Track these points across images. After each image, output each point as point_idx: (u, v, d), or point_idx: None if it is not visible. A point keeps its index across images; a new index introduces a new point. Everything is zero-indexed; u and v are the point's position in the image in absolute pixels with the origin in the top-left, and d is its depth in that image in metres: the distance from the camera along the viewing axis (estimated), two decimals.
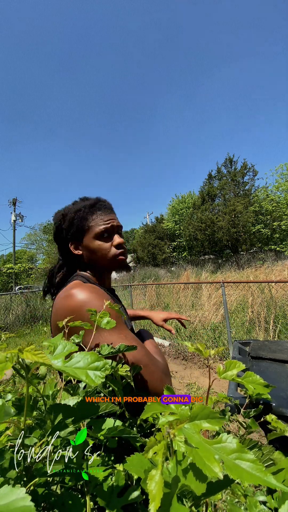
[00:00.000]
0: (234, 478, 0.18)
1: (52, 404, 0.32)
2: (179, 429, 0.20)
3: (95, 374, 0.30)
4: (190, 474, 0.21)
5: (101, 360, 0.32)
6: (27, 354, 0.24)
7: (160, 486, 0.17)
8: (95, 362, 0.31)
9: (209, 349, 0.33)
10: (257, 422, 0.49)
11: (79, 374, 0.29)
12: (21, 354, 0.24)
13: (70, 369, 0.29)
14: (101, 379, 0.29)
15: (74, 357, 0.31)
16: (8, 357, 0.25)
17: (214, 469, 0.18)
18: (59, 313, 0.63)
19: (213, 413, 0.22)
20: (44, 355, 0.25)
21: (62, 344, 0.33)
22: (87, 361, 0.31)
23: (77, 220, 0.75)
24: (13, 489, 0.20)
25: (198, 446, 0.20)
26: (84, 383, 0.28)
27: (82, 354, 0.32)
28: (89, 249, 0.75)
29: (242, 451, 0.21)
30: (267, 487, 0.37)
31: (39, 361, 0.24)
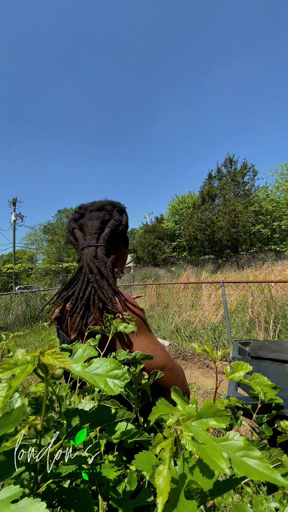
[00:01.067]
0: (240, 475, 0.19)
1: (69, 409, 0.32)
2: (185, 425, 0.21)
3: (114, 382, 0.29)
4: (197, 470, 0.22)
5: (121, 368, 0.31)
6: (48, 358, 0.24)
7: (167, 481, 0.17)
8: (114, 370, 0.30)
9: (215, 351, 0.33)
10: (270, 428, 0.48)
11: (98, 381, 0.28)
12: (42, 357, 0.25)
13: (89, 375, 0.29)
14: (120, 389, 0.28)
15: (93, 362, 0.31)
16: (30, 359, 0.25)
17: (221, 465, 0.18)
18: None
19: (220, 411, 0.22)
20: (65, 359, 0.25)
21: (82, 347, 0.33)
22: (107, 368, 0.30)
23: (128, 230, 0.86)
24: (33, 502, 0.20)
25: (205, 443, 0.20)
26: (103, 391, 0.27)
27: (101, 360, 0.31)
28: (123, 256, 0.86)
29: (249, 449, 0.21)
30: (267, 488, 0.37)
31: (60, 365, 0.24)
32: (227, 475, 0.18)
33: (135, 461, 0.25)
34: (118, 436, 0.33)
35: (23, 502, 0.20)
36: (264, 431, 0.45)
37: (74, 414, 0.30)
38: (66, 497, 0.28)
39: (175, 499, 0.20)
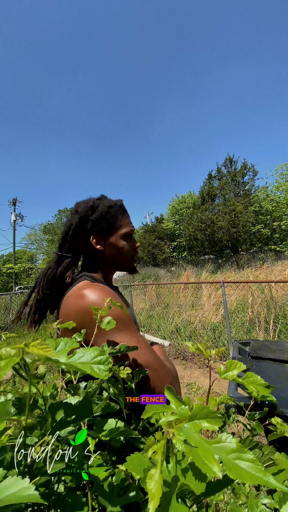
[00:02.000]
0: (233, 478, 0.18)
1: (54, 402, 0.32)
2: (178, 428, 0.20)
3: (99, 367, 0.30)
4: (190, 473, 0.21)
5: (104, 354, 0.32)
6: (33, 349, 0.24)
7: (159, 485, 0.17)
8: (98, 357, 0.32)
9: (210, 349, 0.33)
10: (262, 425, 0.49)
11: (84, 368, 0.29)
12: (27, 348, 0.25)
13: (75, 363, 0.30)
14: (105, 372, 0.30)
15: (76, 353, 0.32)
16: (14, 352, 0.25)
17: (213, 468, 0.18)
18: (71, 313, 0.63)
19: (212, 413, 0.22)
20: (50, 349, 0.25)
21: (64, 341, 0.33)
22: (91, 356, 0.32)
23: (109, 215, 0.77)
24: (17, 479, 0.21)
25: (198, 445, 0.20)
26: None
27: (84, 350, 0.32)
28: (115, 247, 0.78)
29: (241, 451, 0.21)
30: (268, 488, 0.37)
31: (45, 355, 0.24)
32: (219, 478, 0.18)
33: (127, 463, 0.24)
34: (106, 433, 0.33)
35: (8, 481, 0.21)
36: (255, 428, 0.45)
37: (59, 408, 0.31)
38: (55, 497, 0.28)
39: (167, 503, 0.20)
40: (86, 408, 0.32)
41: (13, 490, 0.20)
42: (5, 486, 0.21)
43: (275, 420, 0.43)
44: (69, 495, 0.30)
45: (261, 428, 0.45)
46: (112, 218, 0.77)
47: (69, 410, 0.31)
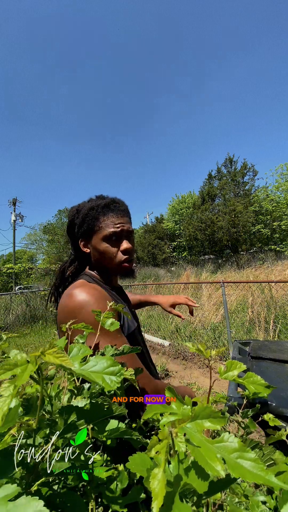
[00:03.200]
0: (236, 477, 0.18)
1: (65, 406, 0.32)
2: (181, 428, 0.20)
3: (111, 379, 0.30)
4: (192, 472, 0.22)
5: (117, 365, 0.32)
6: (49, 357, 0.24)
7: (162, 485, 0.17)
8: (110, 367, 0.32)
9: (210, 349, 0.33)
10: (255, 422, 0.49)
11: (96, 378, 0.30)
12: (44, 356, 0.25)
13: (87, 372, 0.30)
14: (116, 384, 0.30)
15: (90, 360, 0.32)
16: (31, 359, 0.25)
17: (216, 467, 0.18)
18: (60, 312, 0.64)
19: (214, 413, 0.22)
20: (67, 358, 0.25)
21: (77, 347, 0.34)
22: (103, 366, 0.32)
23: (89, 218, 0.74)
24: (30, 500, 0.20)
25: (200, 445, 0.20)
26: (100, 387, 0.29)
27: (98, 358, 0.32)
28: (97, 249, 0.74)
29: (243, 450, 0.21)
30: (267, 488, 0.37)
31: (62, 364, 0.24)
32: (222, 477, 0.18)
33: (130, 463, 0.25)
34: (107, 434, 0.33)
35: (21, 500, 0.20)
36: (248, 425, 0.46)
37: (70, 411, 0.31)
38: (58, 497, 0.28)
39: (170, 502, 0.20)
40: (96, 411, 0.32)
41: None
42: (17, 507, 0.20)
43: (267, 416, 0.44)
44: (72, 495, 0.30)
45: (254, 425, 0.46)
46: (91, 220, 0.73)
47: (81, 413, 0.31)
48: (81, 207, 0.79)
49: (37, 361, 0.25)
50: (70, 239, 0.84)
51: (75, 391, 0.38)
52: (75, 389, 0.38)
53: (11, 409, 0.26)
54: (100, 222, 0.73)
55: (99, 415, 0.32)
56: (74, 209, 0.80)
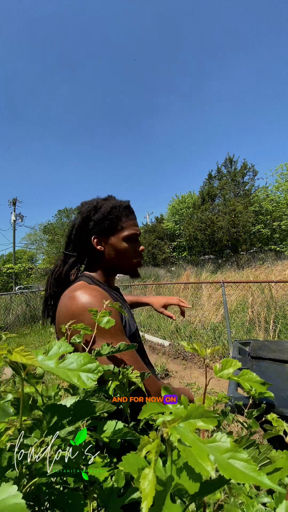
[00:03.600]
0: (226, 477, 0.18)
1: (48, 405, 0.32)
2: (172, 427, 0.20)
3: (88, 376, 0.29)
4: (184, 473, 0.21)
5: (94, 361, 0.31)
6: (16, 355, 0.24)
7: (152, 485, 0.17)
8: (88, 364, 0.31)
9: (204, 348, 0.33)
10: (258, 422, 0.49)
11: (71, 376, 0.28)
12: (10, 355, 0.24)
13: (62, 370, 0.29)
14: (93, 382, 0.29)
15: (67, 358, 0.31)
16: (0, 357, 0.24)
17: (206, 467, 0.18)
18: (61, 314, 0.62)
19: (207, 412, 0.22)
20: (33, 357, 0.25)
21: (58, 344, 0.33)
22: (80, 363, 0.30)
23: (112, 216, 0.75)
24: (4, 486, 0.20)
25: (192, 444, 0.20)
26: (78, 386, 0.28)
27: (75, 355, 0.31)
28: (116, 248, 0.75)
29: (235, 450, 0.20)
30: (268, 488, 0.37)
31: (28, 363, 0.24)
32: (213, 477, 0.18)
33: (123, 463, 0.24)
34: (109, 435, 0.33)
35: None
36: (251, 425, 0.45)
37: (53, 410, 0.30)
38: (56, 497, 0.28)
39: (161, 502, 0.20)
40: (82, 409, 0.31)
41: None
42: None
43: (271, 416, 0.43)
44: (69, 495, 0.29)
45: (256, 425, 0.46)
46: (114, 219, 0.75)
47: (63, 412, 0.30)
48: (99, 203, 0.77)
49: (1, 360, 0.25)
50: (76, 236, 0.77)
51: (71, 390, 0.38)
52: (70, 388, 0.38)
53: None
54: (123, 222, 0.76)
55: (85, 412, 0.31)
56: (91, 204, 0.78)
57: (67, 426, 0.29)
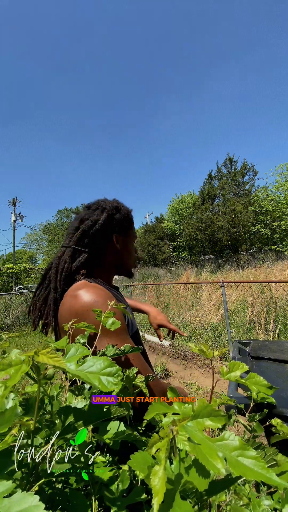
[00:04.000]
0: (236, 475, 0.18)
1: (63, 406, 0.32)
2: (181, 426, 0.20)
3: (108, 380, 0.30)
4: (193, 470, 0.22)
5: (114, 366, 0.31)
6: (43, 357, 0.24)
7: (163, 482, 0.17)
8: (108, 368, 0.31)
9: (212, 350, 0.33)
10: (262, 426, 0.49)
11: (92, 379, 0.29)
12: (37, 356, 0.24)
13: (83, 373, 0.29)
14: (113, 386, 0.29)
15: (87, 361, 0.31)
16: (24, 359, 0.24)
17: (217, 465, 0.18)
18: (64, 313, 0.62)
19: (215, 411, 0.22)
20: (60, 359, 0.25)
21: (75, 347, 0.33)
22: (100, 366, 0.31)
23: (130, 218, 0.85)
24: (26, 495, 0.20)
25: (201, 443, 0.20)
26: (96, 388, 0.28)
27: (95, 359, 0.32)
28: (127, 248, 0.84)
29: (244, 449, 0.21)
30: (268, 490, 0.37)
31: (55, 365, 0.24)
32: (223, 475, 0.18)
33: (131, 461, 0.25)
34: (111, 436, 0.33)
35: (16, 496, 0.20)
36: (256, 429, 0.45)
37: (68, 412, 0.30)
38: (59, 497, 0.28)
39: (171, 500, 0.20)
40: (95, 412, 0.32)
41: (20, 508, 0.19)
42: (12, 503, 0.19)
43: (275, 421, 0.43)
44: (73, 495, 0.30)
45: (261, 429, 0.45)
46: (130, 222, 0.85)
47: (79, 414, 0.30)
48: (119, 205, 0.83)
49: (30, 362, 0.25)
50: (100, 231, 0.75)
51: (76, 391, 0.38)
52: (75, 389, 0.38)
53: (7, 410, 0.26)
54: (132, 225, 0.87)
55: (98, 416, 0.31)
56: (113, 204, 0.82)
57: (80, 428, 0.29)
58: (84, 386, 0.39)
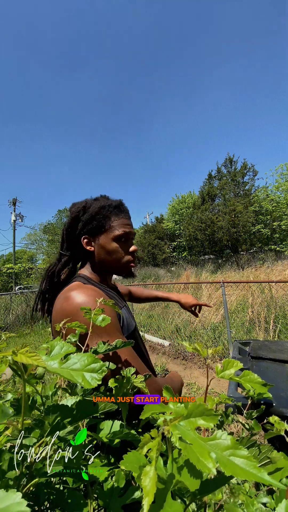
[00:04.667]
0: (227, 474, 0.18)
1: (50, 405, 0.32)
2: (173, 425, 0.20)
3: (92, 376, 0.29)
4: (185, 470, 0.21)
5: (98, 361, 0.31)
6: (21, 356, 0.24)
7: (153, 482, 0.17)
8: (91, 364, 0.31)
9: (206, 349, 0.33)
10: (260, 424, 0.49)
11: (75, 376, 0.28)
12: (15, 356, 0.24)
13: (66, 371, 0.29)
14: (97, 381, 0.29)
15: (70, 358, 0.31)
16: (3, 359, 0.24)
17: (207, 465, 0.18)
18: (56, 315, 0.62)
19: (208, 410, 0.22)
20: (39, 358, 0.25)
21: (60, 344, 0.33)
22: (84, 363, 0.31)
23: (100, 216, 0.74)
24: (8, 493, 0.20)
25: (193, 442, 0.20)
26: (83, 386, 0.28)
27: (79, 356, 0.32)
28: (105, 248, 0.75)
29: (236, 448, 0.21)
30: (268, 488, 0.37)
31: (34, 363, 0.24)
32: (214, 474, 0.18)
33: (124, 461, 0.25)
34: (110, 436, 0.33)
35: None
36: (253, 427, 0.45)
37: (55, 410, 0.30)
38: (56, 497, 0.28)
39: (162, 500, 0.20)
40: (84, 409, 0.32)
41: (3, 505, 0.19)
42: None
43: (273, 419, 0.43)
44: (69, 495, 0.29)
45: (258, 426, 0.45)
46: (103, 219, 0.74)
47: (66, 412, 0.30)
48: (88, 204, 0.78)
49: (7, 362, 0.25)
50: (67, 236, 0.79)
51: (69, 390, 0.38)
52: (69, 388, 0.38)
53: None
54: (112, 221, 0.75)
55: (86, 413, 0.31)
56: (80, 205, 0.78)
57: (68, 426, 0.29)
58: (77, 385, 0.39)
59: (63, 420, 0.29)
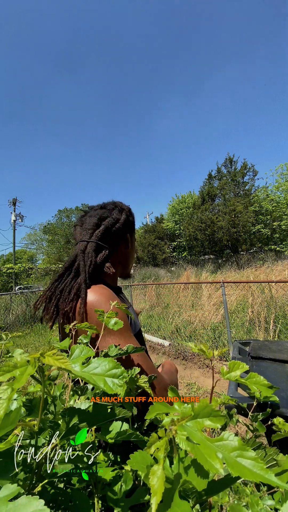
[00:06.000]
0: (234, 475, 0.18)
1: (67, 408, 0.32)
2: (180, 426, 0.21)
3: (113, 381, 0.30)
4: (192, 470, 0.22)
5: (119, 367, 0.31)
6: (49, 359, 0.24)
7: (161, 481, 0.17)
8: (113, 369, 0.31)
9: (212, 350, 0.33)
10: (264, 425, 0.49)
11: (97, 381, 0.29)
12: (43, 358, 0.24)
13: (88, 375, 0.29)
14: (119, 387, 0.29)
15: (91, 362, 0.31)
16: (30, 361, 0.24)
17: (215, 465, 0.18)
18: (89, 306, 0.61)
19: (215, 411, 0.22)
20: (66, 360, 0.25)
21: (79, 348, 0.33)
22: (105, 368, 0.31)
23: (134, 222, 0.88)
24: (31, 499, 0.20)
25: (200, 443, 0.20)
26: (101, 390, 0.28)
27: (99, 360, 0.32)
28: (133, 248, 0.88)
29: (243, 449, 0.21)
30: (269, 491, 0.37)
31: (62, 367, 0.24)
32: (222, 475, 0.18)
33: (130, 461, 0.25)
34: (113, 436, 0.33)
35: (21, 500, 0.20)
36: (258, 429, 0.45)
37: (72, 413, 0.30)
38: (62, 497, 0.28)
39: (170, 499, 0.20)
40: (99, 414, 0.32)
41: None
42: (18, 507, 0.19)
43: (277, 420, 0.43)
44: (75, 496, 0.29)
45: (263, 428, 0.45)
46: (126, 233, 0.84)
47: (83, 416, 0.30)
48: (129, 208, 0.88)
49: (36, 363, 0.25)
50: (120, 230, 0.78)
51: (78, 391, 0.38)
52: (78, 389, 0.38)
53: (12, 411, 0.26)
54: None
55: (102, 417, 0.31)
56: (126, 206, 0.88)
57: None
58: (87, 387, 0.39)
59: (80, 424, 0.29)
